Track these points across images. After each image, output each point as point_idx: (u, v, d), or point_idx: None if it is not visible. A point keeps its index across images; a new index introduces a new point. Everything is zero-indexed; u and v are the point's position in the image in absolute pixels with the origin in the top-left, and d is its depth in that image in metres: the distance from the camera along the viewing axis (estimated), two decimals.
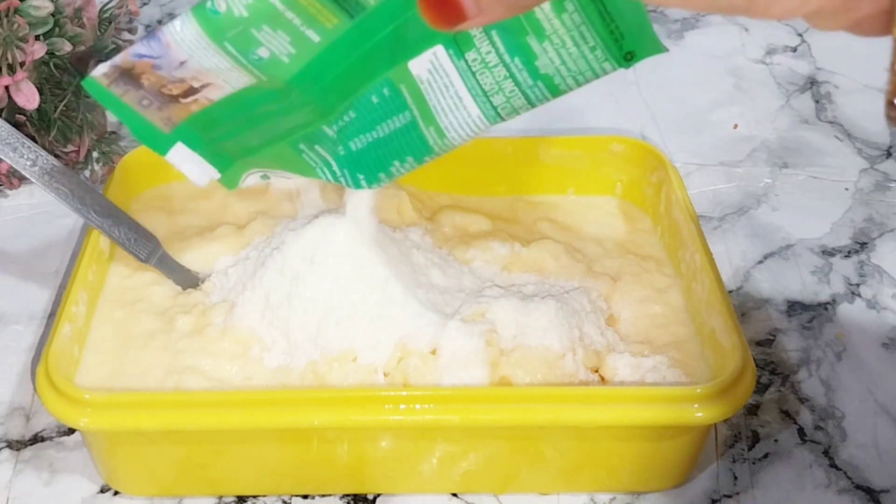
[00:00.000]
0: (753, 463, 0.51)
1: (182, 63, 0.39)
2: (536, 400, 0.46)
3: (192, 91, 0.41)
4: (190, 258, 0.57)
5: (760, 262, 0.64)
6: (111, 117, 0.70)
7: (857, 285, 0.62)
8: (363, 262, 0.51)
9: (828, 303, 0.61)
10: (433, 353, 0.50)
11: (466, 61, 0.39)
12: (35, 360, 0.56)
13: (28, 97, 0.60)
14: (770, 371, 0.56)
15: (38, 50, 0.59)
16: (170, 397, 0.47)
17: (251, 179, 0.47)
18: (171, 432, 0.46)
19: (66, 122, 0.65)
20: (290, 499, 0.49)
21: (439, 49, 0.39)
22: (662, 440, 0.47)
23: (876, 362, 0.57)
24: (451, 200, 0.62)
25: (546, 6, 0.38)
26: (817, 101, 0.79)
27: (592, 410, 0.46)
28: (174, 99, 0.41)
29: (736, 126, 0.76)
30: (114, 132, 0.71)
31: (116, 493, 0.49)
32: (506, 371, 0.49)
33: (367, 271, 0.51)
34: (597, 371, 0.51)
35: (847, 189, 0.70)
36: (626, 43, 0.37)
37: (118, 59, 0.40)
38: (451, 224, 0.58)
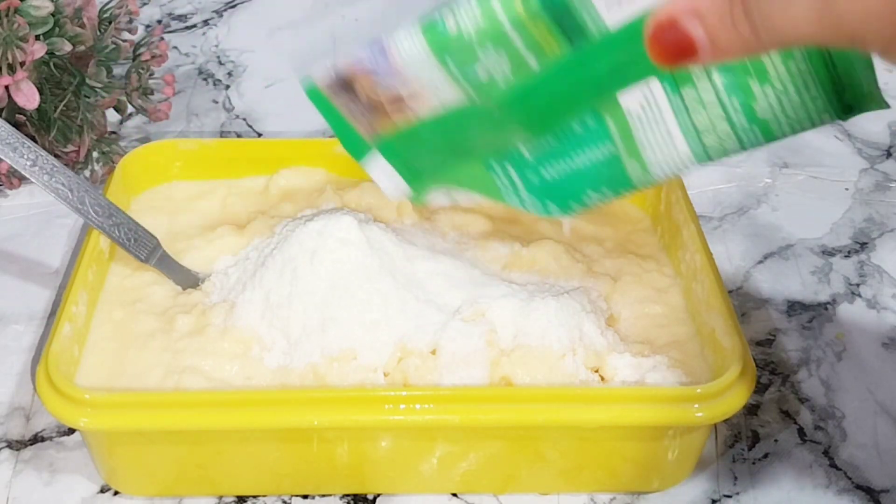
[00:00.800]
0: (753, 463, 0.51)
1: (398, 73, 0.39)
2: (536, 400, 0.46)
3: (400, 101, 0.41)
4: (190, 258, 0.56)
5: (760, 262, 0.64)
6: (111, 117, 0.70)
7: (857, 285, 0.62)
8: (363, 262, 0.51)
9: (828, 303, 0.61)
10: (433, 353, 0.50)
11: (682, 97, 0.37)
12: (35, 360, 0.56)
13: (28, 97, 0.60)
14: (770, 371, 0.56)
15: (38, 50, 0.59)
16: (170, 397, 0.47)
17: (438, 197, 0.46)
18: (171, 432, 0.46)
19: (66, 122, 0.65)
20: (290, 499, 0.49)
21: (654, 82, 0.38)
22: (662, 440, 0.47)
23: (876, 362, 0.57)
24: None
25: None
26: None
27: (592, 410, 0.46)
28: (381, 107, 0.41)
29: None
30: (114, 132, 0.71)
31: (116, 493, 0.49)
32: (506, 371, 0.49)
33: (367, 271, 0.51)
34: (597, 371, 0.51)
35: (847, 189, 0.70)
36: (848, 96, 0.36)
37: (341, 66, 0.40)
38: (451, 224, 0.58)
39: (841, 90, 0.36)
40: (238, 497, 0.49)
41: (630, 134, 0.39)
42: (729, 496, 0.50)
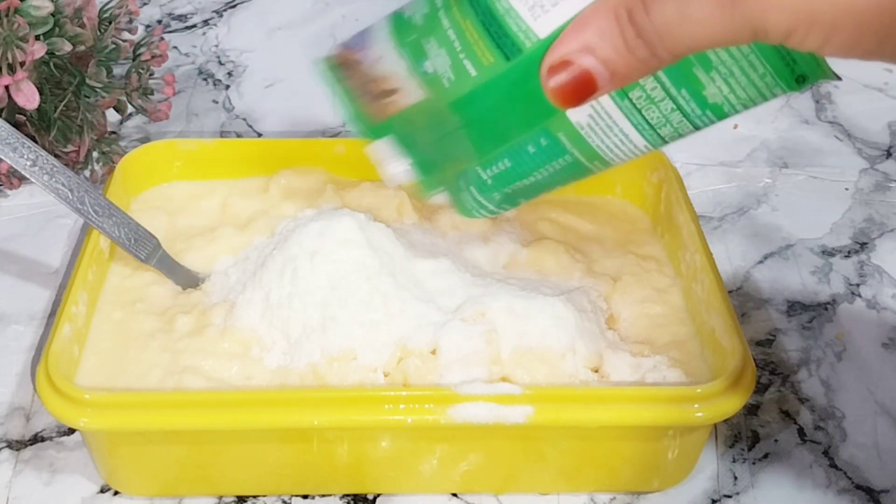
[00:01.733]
0: (753, 463, 0.51)
1: (377, 60, 0.40)
2: (536, 400, 0.46)
3: (387, 93, 0.41)
4: (190, 258, 0.56)
5: (760, 262, 0.64)
6: (111, 117, 0.70)
7: (857, 285, 0.62)
8: (363, 262, 0.51)
9: (828, 303, 0.61)
10: (433, 353, 0.50)
11: (630, 100, 0.37)
12: (35, 360, 0.56)
13: (28, 97, 0.60)
14: (770, 371, 0.56)
15: (38, 50, 0.59)
16: (170, 397, 0.47)
17: (438, 197, 0.46)
18: (171, 432, 0.46)
19: (66, 122, 0.65)
20: (290, 499, 0.49)
21: None
22: (662, 440, 0.47)
23: (876, 362, 0.57)
24: None
25: None
26: (817, 101, 0.79)
27: (592, 410, 0.46)
28: (375, 97, 0.41)
29: (736, 126, 0.76)
30: (114, 132, 0.71)
31: (116, 493, 0.49)
32: (506, 371, 0.49)
33: (368, 271, 0.51)
34: (597, 371, 0.51)
35: (847, 189, 0.70)
36: (799, 67, 0.36)
37: (339, 50, 0.41)
38: (451, 224, 0.58)
39: (791, 63, 0.36)
40: (238, 497, 0.49)
41: (585, 143, 0.39)
42: (729, 496, 0.50)
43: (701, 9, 0.30)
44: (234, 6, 0.90)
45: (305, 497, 0.49)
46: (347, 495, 0.49)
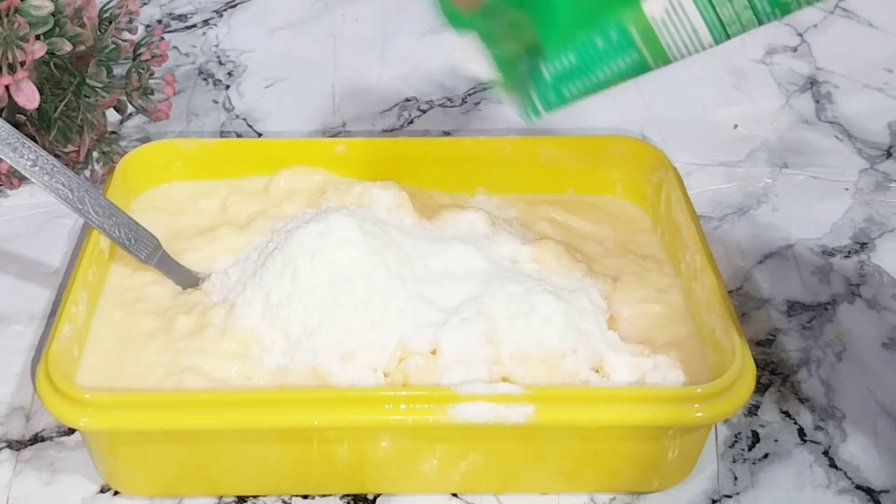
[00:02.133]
0: (753, 463, 0.51)
1: None
2: (536, 400, 0.46)
3: None
4: (190, 258, 0.56)
5: (760, 262, 0.64)
6: (111, 117, 0.70)
7: (857, 285, 0.62)
8: (363, 262, 0.51)
9: (828, 303, 0.61)
10: (433, 352, 0.50)
11: None
12: (35, 360, 0.56)
13: (28, 97, 0.60)
14: (770, 371, 0.56)
15: (39, 49, 0.59)
16: (170, 397, 0.47)
17: (513, 97, 0.46)
18: (171, 432, 0.46)
19: (66, 122, 0.65)
20: (290, 499, 0.49)
21: None
22: (662, 440, 0.47)
23: (876, 362, 0.57)
24: (451, 200, 0.62)
25: None
26: (817, 101, 0.79)
27: (592, 410, 0.46)
28: None
29: (736, 126, 0.76)
30: (114, 132, 0.71)
31: (116, 493, 0.49)
32: (506, 371, 0.49)
33: (367, 271, 0.51)
34: (597, 371, 0.51)
35: (847, 189, 0.70)
36: None
37: None
38: (451, 224, 0.58)
39: None
40: (238, 497, 0.49)
41: (656, 39, 0.40)
42: (729, 496, 0.50)
43: None
44: (234, 6, 0.90)
45: (305, 497, 0.49)
46: (347, 495, 0.49)
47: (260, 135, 0.75)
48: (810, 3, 0.39)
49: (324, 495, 0.49)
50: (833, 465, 0.51)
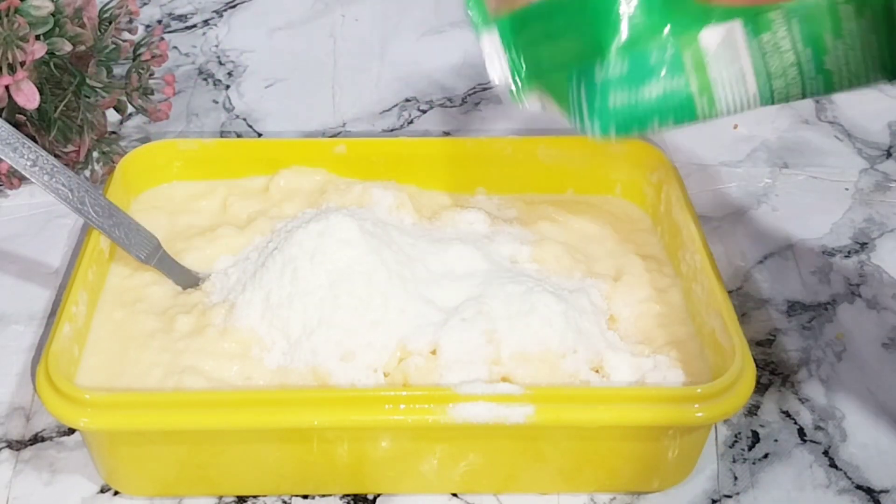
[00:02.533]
0: (753, 463, 0.51)
1: None
2: (536, 400, 0.46)
3: None
4: (190, 258, 0.57)
5: (760, 262, 0.64)
6: (111, 117, 0.70)
7: (857, 285, 0.62)
8: (363, 263, 0.51)
9: (828, 303, 0.61)
10: (433, 352, 0.50)
11: (760, 41, 0.40)
12: (35, 360, 0.56)
13: (28, 97, 0.60)
14: (770, 371, 0.56)
15: (39, 50, 0.59)
16: (170, 397, 0.47)
17: (532, 102, 0.47)
18: (171, 432, 0.46)
19: (66, 122, 0.65)
20: (290, 499, 0.49)
21: (736, 24, 0.40)
22: (662, 440, 0.47)
23: (876, 362, 0.57)
24: (451, 200, 0.62)
25: (850, 7, 0.39)
26: (817, 101, 0.79)
27: (592, 410, 0.46)
28: None
29: (736, 126, 0.76)
30: (114, 132, 0.71)
31: (116, 493, 0.49)
32: (506, 371, 0.49)
33: (367, 271, 0.51)
34: (597, 371, 0.51)
35: (847, 189, 0.70)
36: None
37: None
38: (451, 224, 0.58)
39: (894, 54, 0.38)
40: (238, 497, 0.49)
41: (705, 70, 0.41)
42: (729, 496, 0.50)
43: None
44: (234, 6, 0.90)
45: (305, 497, 0.49)
46: (347, 495, 0.49)
47: (260, 135, 0.75)
48: (849, 88, 0.40)
49: (324, 495, 0.49)
50: (833, 465, 0.51)
